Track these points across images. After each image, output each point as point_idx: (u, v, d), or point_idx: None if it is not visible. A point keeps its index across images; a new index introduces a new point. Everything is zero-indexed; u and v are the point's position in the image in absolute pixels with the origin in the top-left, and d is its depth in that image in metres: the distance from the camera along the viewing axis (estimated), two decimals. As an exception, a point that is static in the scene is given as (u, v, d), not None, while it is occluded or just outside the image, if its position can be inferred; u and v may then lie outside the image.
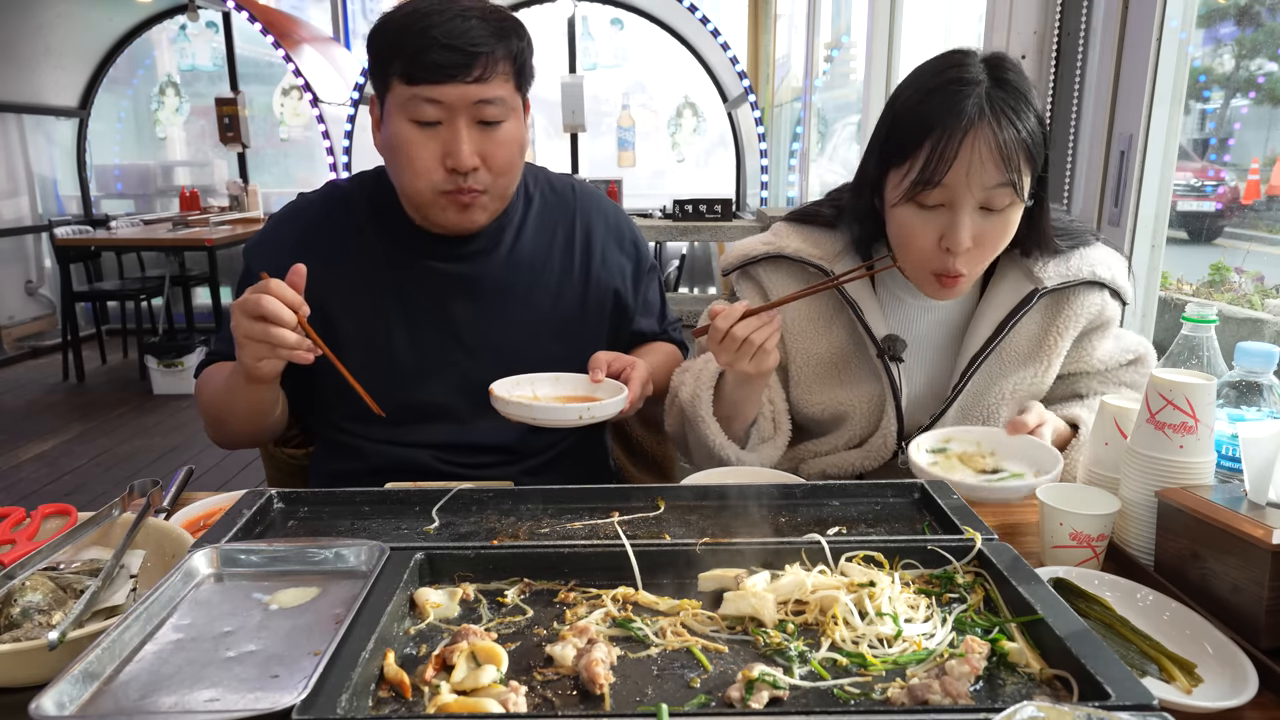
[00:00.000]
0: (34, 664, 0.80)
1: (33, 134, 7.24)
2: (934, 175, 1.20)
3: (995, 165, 1.19)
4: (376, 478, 1.37)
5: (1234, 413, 1.11)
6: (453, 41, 1.27)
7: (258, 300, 1.15)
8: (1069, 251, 1.38)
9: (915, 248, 1.28)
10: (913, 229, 1.26)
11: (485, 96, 1.30)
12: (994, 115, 1.19)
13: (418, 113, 1.30)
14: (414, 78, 1.28)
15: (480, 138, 1.33)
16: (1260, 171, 2.21)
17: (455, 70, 1.28)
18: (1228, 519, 0.92)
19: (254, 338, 1.17)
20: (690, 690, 0.76)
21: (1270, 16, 2.13)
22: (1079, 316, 1.38)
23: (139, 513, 1.06)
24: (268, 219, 1.57)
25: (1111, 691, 0.69)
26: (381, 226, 1.47)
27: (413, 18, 1.29)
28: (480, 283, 1.48)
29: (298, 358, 1.18)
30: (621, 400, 1.31)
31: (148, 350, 5.89)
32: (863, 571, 0.91)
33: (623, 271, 1.60)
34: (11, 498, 4.14)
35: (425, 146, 1.32)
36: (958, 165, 1.19)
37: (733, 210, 5.38)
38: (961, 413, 1.42)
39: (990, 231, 1.25)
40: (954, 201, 1.22)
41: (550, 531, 1.05)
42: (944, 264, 1.26)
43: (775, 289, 1.45)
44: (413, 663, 0.79)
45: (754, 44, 7.16)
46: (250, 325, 1.16)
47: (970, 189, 1.20)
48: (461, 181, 1.33)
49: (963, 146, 1.18)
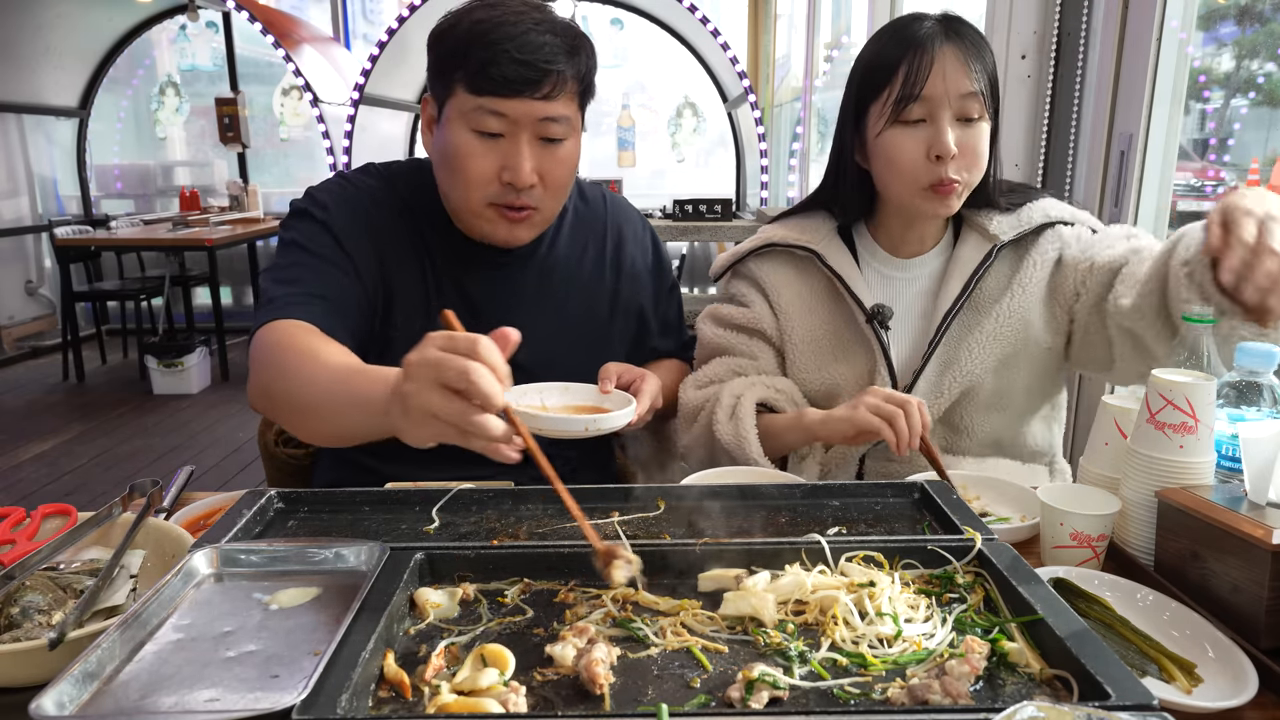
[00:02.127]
0: (34, 664, 0.80)
1: (33, 134, 7.24)
2: (914, 88, 1.32)
3: (964, 74, 1.32)
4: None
5: (1234, 413, 1.11)
6: (525, 56, 1.23)
7: (467, 371, 0.82)
8: (1020, 207, 1.47)
9: (906, 165, 1.36)
10: (900, 147, 1.36)
11: (550, 114, 1.28)
12: (953, 37, 1.34)
13: (480, 123, 1.27)
14: (481, 89, 1.25)
15: (540, 154, 1.30)
16: (1260, 171, 2.21)
17: (524, 85, 1.24)
18: (1228, 519, 0.92)
19: (447, 418, 0.84)
20: (690, 690, 0.76)
21: (1271, 16, 2.13)
22: (1042, 256, 1.45)
23: (139, 513, 1.06)
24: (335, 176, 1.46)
25: (1111, 691, 0.69)
26: (425, 224, 1.44)
27: (485, 25, 1.24)
28: (513, 293, 1.46)
29: (499, 454, 0.86)
30: (630, 413, 1.29)
31: (148, 350, 5.89)
32: (863, 571, 0.91)
33: (648, 289, 1.60)
34: (11, 498, 4.14)
35: (484, 158, 1.28)
36: (934, 76, 1.32)
37: (733, 210, 5.38)
38: (942, 365, 1.46)
39: (969, 141, 1.35)
40: (934, 113, 1.33)
41: (550, 531, 1.05)
42: (936, 173, 1.34)
43: (770, 279, 1.53)
44: (413, 663, 0.80)
45: (754, 44, 7.15)
46: (445, 402, 0.83)
47: (947, 97, 1.32)
48: (515, 197, 1.31)
49: (935, 59, 1.32)
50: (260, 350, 1.22)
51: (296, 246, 1.34)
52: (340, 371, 1.11)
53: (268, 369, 1.20)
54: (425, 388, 0.84)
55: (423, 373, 0.84)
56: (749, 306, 1.54)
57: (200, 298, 7.17)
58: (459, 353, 0.83)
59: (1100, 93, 1.95)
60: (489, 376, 0.82)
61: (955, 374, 1.45)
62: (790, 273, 1.52)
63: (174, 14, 7.33)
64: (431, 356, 0.84)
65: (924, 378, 1.46)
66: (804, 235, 1.50)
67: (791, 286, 1.51)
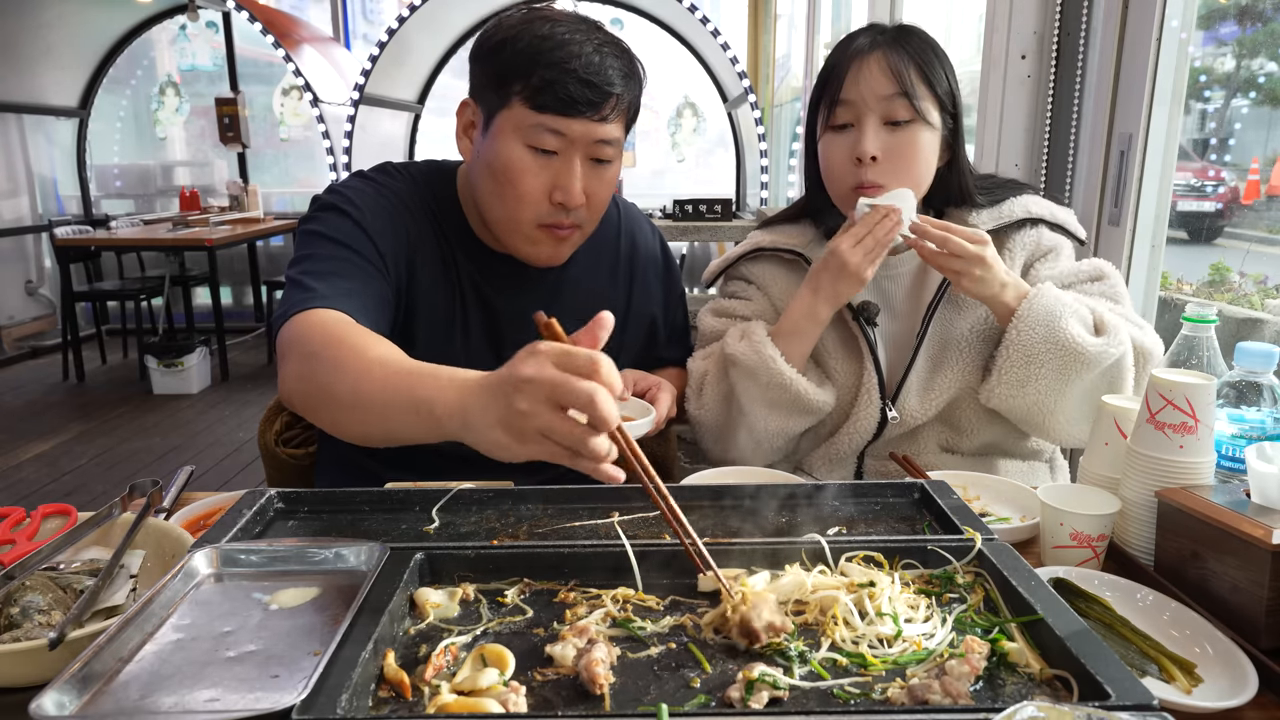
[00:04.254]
0: (34, 664, 0.80)
1: (33, 134, 7.25)
2: (836, 93, 1.38)
3: (886, 77, 1.35)
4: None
5: (1234, 413, 1.11)
6: (591, 78, 1.23)
7: (593, 397, 0.78)
8: (1000, 202, 1.49)
9: (835, 168, 1.41)
10: (831, 151, 1.42)
11: (605, 136, 1.28)
12: (885, 44, 1.36)
13: (537, 140, 1.25)
14: (543, 106, 1.23)
15: (589, 174, 1.30)
16: (1260, 171, 2.21)
17: (586, 107, 1.24)
18: (1228, 519, 0.92)
19: (561, 440, 0.81)
20: (690, 690, 0.76)
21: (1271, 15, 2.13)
22: (1018, 250, 1.47)
23: (139, 513, 1.06)
24: (356, 175, 1.42)
25: (1111, 691, 0.69)
26: (449, 230, 1.42)
27: (550, 42, 1.23)
28: (532, 304, 1.43)
29: (606, 475, 0.84)
30: (649, 421, 1.29)
31: (148, 350, 5.89)
32: (863, 571, 0.91)
33: (659, 297, 1.60)
34: (11, 498, 4.14)
35: (537, 175, 1.27)
36: (852, 80, 1.36)
37: (733, 210, 5.37)
38: (931, 361, 1.47)
39: (898, 146, 1.36)
40: (859, 117, 1.37)
41: (550, 531, 1.05)
42: (859, 176, 1.38)
43: (764, 279, 1.56)
44: (413, 663, 0.80)
45: (754, 44, 7.15)
46: (562, 424, 0.80)
47: (866, 101, 1.36)
48: (564, 217, 1.31)
49: (856, 65, 1.37)
50: (299, 340, 1.14)
51: (328, 240, 1.30)
52: (398, 369, 1.03)
53: (308, 360, 1.11)
54: (543, 408, 0.80)
55: (540, 391, 0.79)
56: (750, 300, 1.56)
57: (200, 298, 7.18)
58: (579, 373, 0.79)
59: (1100, 93, 1.94)
60: (610, 401, 0.79)
61: (946, 372, 1.45)
62: (781, 273, 1.55)
63: (174, 14, 7.34)
64: (551, 376, 0.79)
65: (914, 373, 1.46)
66: (791, 240, 1.54)
67: (783, 284, 1.54)
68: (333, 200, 1.34)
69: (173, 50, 7.72)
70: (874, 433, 1.46)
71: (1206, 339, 1.17)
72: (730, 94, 6.96)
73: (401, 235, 1.35)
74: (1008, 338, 1.33)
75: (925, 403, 1.46)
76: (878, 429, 1.46)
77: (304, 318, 1.16)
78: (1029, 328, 1.30)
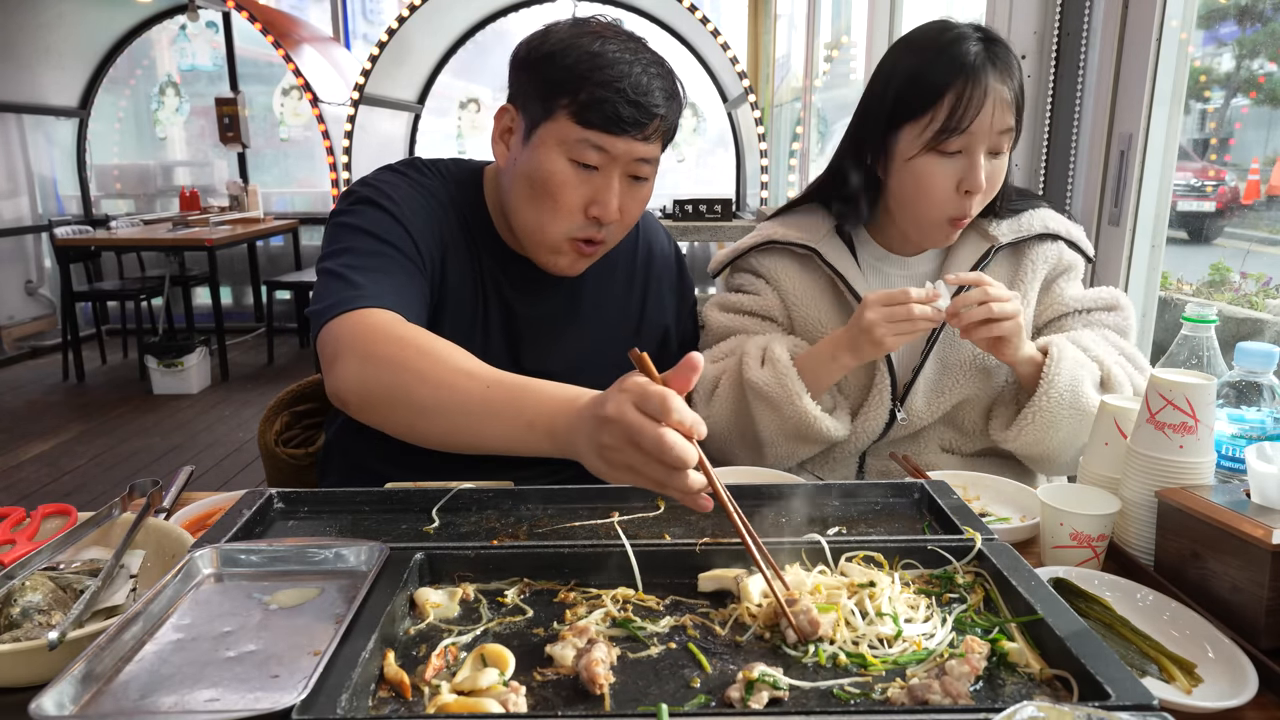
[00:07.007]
0: (34, 664, 0.80)
1: (33, 134, 7.24)
2: (960, 122, 1.30)
3: (1008, 110, 1.32)
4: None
5: (1234, 413, 1.11)
6: (639, 98, 1.23)
7: (660, 443, 0.81)
8: (1020, 213, 1.49)
9: (936, 194, 1.36)
10: (933, 176, 1.35)
11: (646, 155, 1.28)
12: (998, 68, 1.31)
13: (581, 155, 1.26)
14: (591, 123, 1.24)
15: (626, 191, 1.30)
16: (1260, 171, 2.21)
17: (631, 126, 1.24)
18: (1228, 519, 0.92)
19: (645, 475, 0.86)
20: (690, 690, 0.76)
21: (1271, 16, 2.13)
22: (1039, 263, 1.48)
23: (139, 513, 1.06)
24: (386, 169, 1.40)
25: (1111, 691, 0.69)
26: (477, 231, 1.41)
27: (601, 60, 1.24)
28: (550, 311, 1.46)
29: (695, 505, 0.87)
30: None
31: (148, 350, 5.89)
32: (863, 571, 0.91)
33: (672, 308, 1.60)
34: (11, 498, 4.14)
35: (577, 189, 1.27)
36: (984, 112, 1.30)
37: (733, 210, 5.38)
38: (941, 363, 1.48)
39: (994, 174, 1.36)
40: (971, 146, 1.32)
41: (550, 531, 1.05)
42: (961, 207, 1.36)
43: (774, 271, 1.54)
44: (413, 663, 0.80)
45: (754, 44, 7.15)
46: (643, 462, 0.84)
47: (989, 133, 1.32)
48: (595, 231, 1.31)
49: (987, 92, 1.30)
50: (355, 340, 1.13)
51: (367, 234, 1.28)
52: (491, 381, 1.04)
53: (370, 363, 1.10)
54: (623, 447, 0.84)
55: (619, 431, 0.84)
56: (758, 294, 1.55)
57: (200, 298, 7.17)
58: (651, 415, 0.82)
59: (1100, 93, 1.94)
60: (680, 444, 0.82)
61: (955, 374, 1.46)
62: (792, 267, 1.53)
63: (174, 14, 7.33)
64: (628, 419, 0.83)
65: (923, 376, 1.46)
66: (803, 234, 1.51)
67: (794, 279, 1.52)
68: (368, 194, 1.33)
69: (173, 50, 7.71)
70: (880, 433, 1.47)
71: (1206, 339, 1.17)
72: (730, 94, 6.96)
73: (436, 232, 1.35)
74: (1036, 403, 1.33)
75: (932, 405, 1.46)
76: (884, 429, 1.46)
77: (356, 317, 1.15)
78: (1058, 394, 1.32)
